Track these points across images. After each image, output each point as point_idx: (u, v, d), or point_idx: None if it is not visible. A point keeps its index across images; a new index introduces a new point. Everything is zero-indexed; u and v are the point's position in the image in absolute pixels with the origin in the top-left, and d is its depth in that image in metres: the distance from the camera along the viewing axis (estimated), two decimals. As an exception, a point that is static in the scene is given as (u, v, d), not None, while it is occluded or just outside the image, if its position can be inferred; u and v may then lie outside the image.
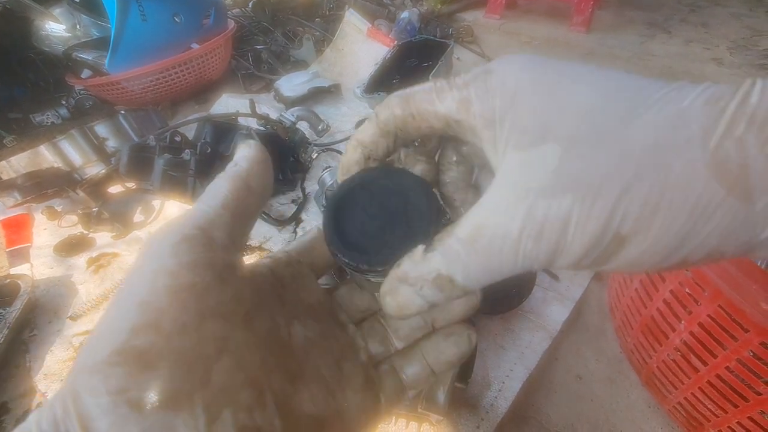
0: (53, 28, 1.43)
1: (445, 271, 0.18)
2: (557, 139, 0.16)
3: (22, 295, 0.78)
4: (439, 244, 0.19)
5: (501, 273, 0.18)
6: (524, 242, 0.17)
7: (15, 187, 0.97)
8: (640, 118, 0.15)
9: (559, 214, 0.16)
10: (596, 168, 0.16)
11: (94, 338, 0.17)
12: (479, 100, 0.18)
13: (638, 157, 0.15)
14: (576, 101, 0.17)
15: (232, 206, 0.20)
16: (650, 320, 0.61)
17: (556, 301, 0.79)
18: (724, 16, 2.17)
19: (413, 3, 2.09)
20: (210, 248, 0.18)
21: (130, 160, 0.90)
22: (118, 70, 1.33)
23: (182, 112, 1.52)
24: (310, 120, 1.22)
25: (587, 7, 1.97)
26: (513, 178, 0.17)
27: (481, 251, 0.17)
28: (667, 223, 0.15)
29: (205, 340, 0.17)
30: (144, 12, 1.27)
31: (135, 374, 0.15)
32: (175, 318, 0.16)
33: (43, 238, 0.98)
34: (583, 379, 0.72)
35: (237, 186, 0.21)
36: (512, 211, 0.17)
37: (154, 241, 0.18)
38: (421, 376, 0.24)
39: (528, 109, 0.17)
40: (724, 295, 0.46)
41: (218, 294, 0.18)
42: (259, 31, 1.89)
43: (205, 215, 0.19)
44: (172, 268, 0.17)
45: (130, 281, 0.18)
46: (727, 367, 0.50)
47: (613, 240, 0.16)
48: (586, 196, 0.16)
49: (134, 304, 0.17)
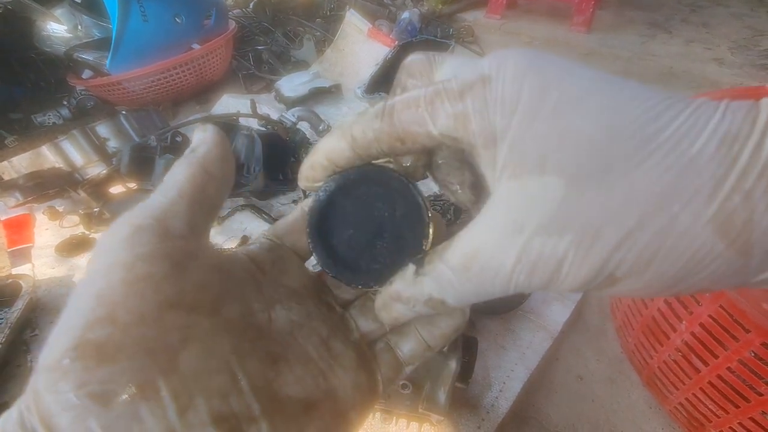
0: (55, 28, 1.43)
1: (436, 294, 0.19)
2: (558, 172, 0.16)
3: (23, 295, 0.78)
4: (430, 269, 0.19)
5: (492, 296, 0.18)
6: (516, 275, 0.17)
7: (17, 187, 0.97)
8: (649, 160, 0.15)
9: (554, 253, 0.16)
10: (598, 210, 0.15)
11: (52, 337, 0.16)
12: (478, 116, 0.17)
13: (643, 204, 0.15)
14: (581, 130, 0.15)
15: (189, 194, 0.19)
16: (651, 320, 0.61)
17: (557, 301, 0.79)
18: (725, 16, 2.17)
19: (414, 3, 2.10)
20: (166, 238, 0.18)
21: (131, 161, 0.90)
22: (119, 71, 1.33)
23: (183, 113, 1.52)
24: (310, 120, 1.23)
25: (588, 7, 1.97)
26: (509, 207, 0.17)
27: (473, 279, 0.18)
28: (662, 271, 0.15)
29: (167, 329, 0.17)
30: (145, 12, 1.27)
31: (93, 368, 0.15)
32: (131, 309, 0.16)
33: (44, 239, 0.98)
34: (583, 379, 0.72)
35: (194, 172, 0.20)
36: (506, 245, 0.17)
37: (107, 236, 0.18)
38: (417, 351, 0.25)
39: (528, 132, 0.16)
40: (725, 296, 0.46)
41: (178, 283, 0.18)
42: (260, 31, 1.89)
43: (161, 205, 0.19)
44: (127, 260, 0.17)
45: (86, 278, 0.18)
46: (729, 367, 0.50)
47: (604, 281, 0.16)
48: (584, 239, 0.15)
49: (90, 298, 0.16)
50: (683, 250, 0.15)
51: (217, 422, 0.16)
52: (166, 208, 0.19)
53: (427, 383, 0.54)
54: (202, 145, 0.21)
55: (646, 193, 0.15)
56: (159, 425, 0.15)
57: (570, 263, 0.16)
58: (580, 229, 0.15)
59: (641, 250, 0.15)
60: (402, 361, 0.25)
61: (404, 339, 0.25)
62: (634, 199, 0.15)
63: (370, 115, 0.19)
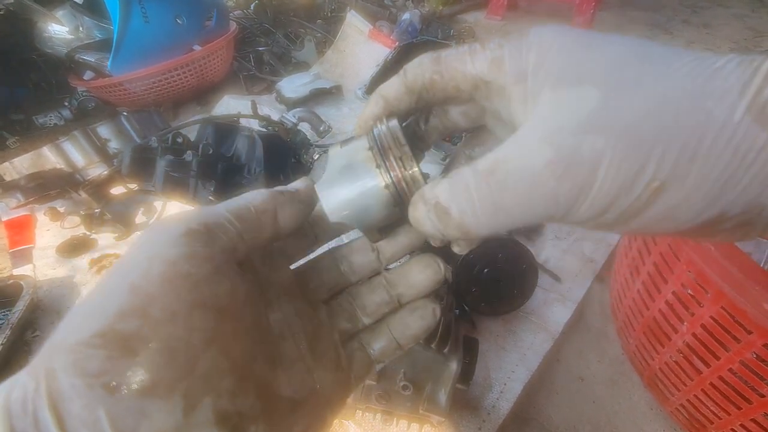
0: (56, 29, 1.44)
1: (443, 201, 0.18)
2: (595, 83, 0.16)
3: (24, 295, 0.78)
4: (454, 172, 0.18)
5: (508, 216, 0.17)
6: (546, 179, 0.15)
7: (18, 188, 0.97)
8: (677, 72, 0.15)
9: (591, 151, 0.15)
10: (634, 111, 0.15)
11: (77, 316, 0.16)
12: (512, 58, 0.18)
13: (678, 101, 0.15)
14: (613, 52, 0.16)
15: (245, 221, 0.20)
16: (652, 322, 0.61)
17: (558, 302, 0.79)
18: (726, 17, 2.17)
19: (414, 4, 2.10)
20: (211, 245, 0.19)
21: (132, 162, 0.90)
22: (120, 72, 1.33)
23: (184, 114, 1.52)
24: (311, 121, 1.23)
25: (589, 7, 1.97)
26: (544, 116, 0.16)
27: (494, 185, 0.16)
28: (707, 169, 0.14)
29: (194, 330, 0.17)
30: (146, 14, 1.27)
31: (115, 358, 0.15)
32: (165, 306, 0.16)
33: (45, 239, 0.98)
34: (584, 380, 0.72)
35: (266, 203, 0.21)
36: (538, 146, 0.16)
37: (154, 229, 0.18)
38: (388, 349, 0.25)
39: (564, 58, 0.17)
40: (726, 297, 0.46)
41: (213, 286, 0.18)
42: (261, 32, 1.90)
43: (216, 218, 0.19)
44: (170, 257, 0.17)
45: (123, 264, 0.18)
46: (730, 369, 0.50)
47: (646, 187, 0.15)
48: (623, 137, 0.15)
49: (124, 287, 0.16)
50: (723, 145, 0.14)
51: (221, 421, 0.16)
52: (220, 223, 0.19)
53: (428, 384, 0.54)
54: (294, 192, 0.22)
55: (679, 93, 0.15)
56: (166, 423, 0.15)
57: (608, 162, 0.15)
58: (617, 129, 0.15)
59: (680, 148, 0.14)
60: (373, 360, 0.25)
61: (376, 338, 0.25)
62: (668, 98, 0.15)
63: (423, 56, 0.21)
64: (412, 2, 2.13)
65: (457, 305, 0.72)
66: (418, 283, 0.25)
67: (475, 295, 0.71)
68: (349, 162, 0.22)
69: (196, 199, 0.89)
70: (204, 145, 0.94)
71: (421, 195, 0.19)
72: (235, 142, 1.00)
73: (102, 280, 0.18)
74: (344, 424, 0.61)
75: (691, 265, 0.50)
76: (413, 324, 0.25)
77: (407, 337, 0.25)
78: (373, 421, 0.58)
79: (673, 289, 0.55)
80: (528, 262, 0.72)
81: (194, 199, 0.89)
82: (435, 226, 0.19)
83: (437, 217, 0.18)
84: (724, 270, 0.45)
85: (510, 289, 0.72)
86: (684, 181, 0.15)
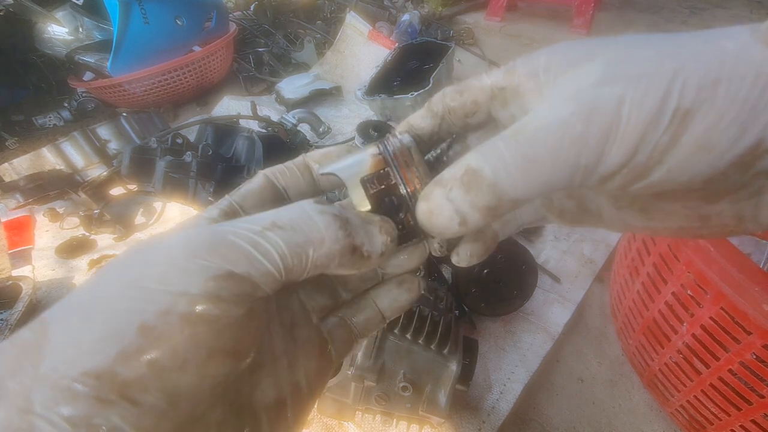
0: (56, 30, 1.44)
1: (474, 163, 0.17)
2: (606, 55, 0.16)
3: (23, 297, 0.78)
4: (481, 145, 0.17)
5: (541, 169, 0.16)
6: (573, 125, 0.15)
7: (17, 189, 0.97)
8: (688, 35, 0.16)
9: (611, 95, 0.15)
10: (648, 58, 0.15)
11: (68, 338, 0.14)
12: (524, 65, 0.19)
13: (690, 46, 0.15)
14: (622, 41, 0.17)
15: (293, 272, 0.17)
16: (652, 322, 0.61)
17: (558, 303, 0.79)
18: (725, 18, 2.17)
19: (414, 5, 2.10)
20: (252, 292, 0.16)
21: (131, 162, 0.90)
22: (120, 73, 1.34)
23: (184, 115, 1.52)
24: (311, 122, 1.23)
25: (588, 9, 1.97)
26: (561, 87, 0.17)
27: (523, 141, 0.16)
28: (732, 91, 0.14)
29: (204, 377, 0.15)
30: (146, 15, 1.27)
31: (107, 406, 0.13)
32: (177, 354, 0.14)
33: (44, 240, 0.98)
34: (584, 381, 0.72)
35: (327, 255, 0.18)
36: (561, 104, 0.16)
37: (186, 254, 0.15)
38: (372, 322, 0.24)
39: (574, 52, 0.17)
40: (726, 297, 0.46)
41: (238, 332, 0.16)
42: (261, 33, 1.90)
43: (264, 268, 0.16)
44: (197, 299, 0.15)
45: (137, 284, 0.15)
46: (730, 369, 0.50)
47: (674, 117, 0.15)
48: (641, 79, 0.15)
49: (133, 323, 0.14)
50: (745, 68, 0.14)
51: None
52: (271, 272, 0.16)
53: (428, 385, 0.54)
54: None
55: (689, 42, 0.16)
56: None
57: (629, 101, 0.15)
58: (634, 75, 0.15)
59: (702, 75, 0.15)
60: (356, 334, 0.24)
61: (361, 310, 0.24)
62: (680, 45, 0.16)
63: (446, 87, 0.22)
64: (411, 3, 2.13)
65: (456, 306, 0.72)
66: (405, 263, 0.24)
67: (474, 295, 0.71)
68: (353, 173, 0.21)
69: (196, 200, 0.89)
70: (203, 145, 0.94)
71: (437, 180, 0.18)
72: (234, 142, 1.00)
73: (104, 277, 0.16)
74: (344, 425, 0.61)
75: (690, 265, 0.50)
76: (401, 297, 0.24)
77: (394, 309, 0.24)
78: (373, 423, 0.58)
79: (672, 289, 0.55)
80: (527, 263, 0.72)
81: (194, 200, 0.89)
82: (459, 204, 0.17)
83: (465, 187, 0.17)
84: (723, 271, 0.45)
85: (510, 290, 0.72)
86: (712, 104, 0.14)
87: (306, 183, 0.23)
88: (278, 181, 0.23)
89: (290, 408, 0.20)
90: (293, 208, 0.18)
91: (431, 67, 1.35)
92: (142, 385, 0.14)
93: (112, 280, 0.16)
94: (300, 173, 0.23)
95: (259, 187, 0.22)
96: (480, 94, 0.21)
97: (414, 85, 1.25)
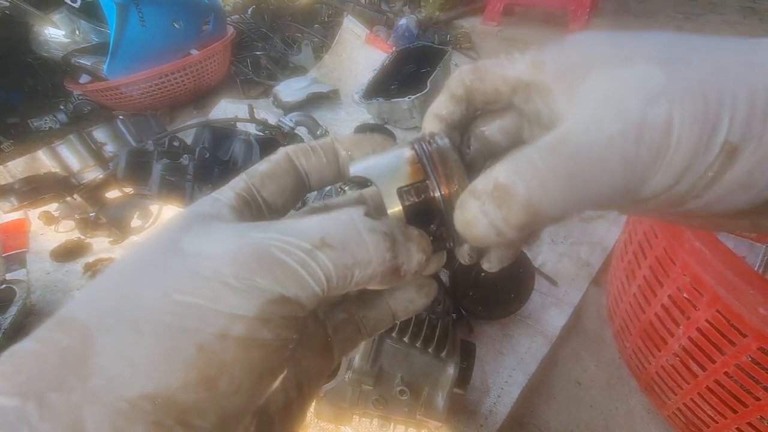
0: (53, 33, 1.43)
1: (504, 179, 0.16)
2: (645, 60, 0.16)
3: (17, 300, 0.77)
4: (510, 155, 0.16)
5: (584, 185, 0.15)
6: (621, 144, 0.15)
7: (12, 191, 0.96)
8: (723, 46, 0.15)
9: (659, 116, 0.14)
10: (694, 77, 0.15)
11: (119, 355, 0.13)
12: (553, 59, 0.18)
13: (733, 67, 0.15)
14: (653, 39, 0.16)
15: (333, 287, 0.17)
16: (649, 325, 0.61)
17: (555, 306, 0.79)
18: (718, 23, 2.20)
19: (411, 10, 2.11)
20: (300, 313, 0.16)
21: (128, 165, 0.90)
22: (117, 76, 1.33)
23: (181, 118, 1.52)
24: (308, 125, 1.23)
25: (583, 13, 1.99)
26: (598, 95, 0.16)
27: (564, 156, 0.15)
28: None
29: (253, 397, 0.15)
30: (143, 18, 1.27)
31: (164, 428, 0.13)
32: (234, 378, 0.14)
33: (39, 243, 0.97)
34: (582, 384, 0.72)
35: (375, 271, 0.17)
36: (604, 118, 0.15)
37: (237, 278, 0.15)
38: (383, 322, 0.23)
39: (606, 49, 0.17)
40: (722, 300, 0.46)
41: (284, 352, 0.16)
42: (258, 37, 1.90)
43: (315, 295, 0.16)
44: (250, 320, 0.15)
45: (186, 299, 0.14)
46: (726, 372, 0.50)
47: (722, 149, 0.14)
48: (687, 100, 0.14)
49: (191, 344, 0.14)
50: None
51: None
52: (318, 295, 0.16)
53: (425, 389, 0.54)
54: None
55: (732, 60, 0.15)
56: None
57: (679, 125, 0.14)
58: (680, 95, 0.15)
59: (749, 106, 0.14)
60: (363, 333, 0.23)
61: (372, 309, 0.23)
62: (722, 66, 0.15)
63: (463, 66, 0.21)
64: (408, 7, 2.14)
65: (454, 309, 0.72)
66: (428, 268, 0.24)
67: (472, 299, 0.71)
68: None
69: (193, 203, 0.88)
70: (201, 148, 0.94)
71: (471, 190, 0.17)
72: (232, 145, 1.00)
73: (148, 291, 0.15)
74: (342, 430, 0.61)
75: (686, 268, 0.51)
76: (419, 300, 0.23)
77: (408, 311, 0.23)
78: (370, 427, 0.58)
79: (669, 292, 0.55)
80: (525, 267, 0.73)
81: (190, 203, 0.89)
82: (493, 218, 0.16)
83: (496, 203, 0.16)
84: (719, 273, 0.46)
85: (507, 294, 0.73)
86: (760, 140, 0.14)
87: (331, 171, 0.22)
88: (301, 165, 0.21)
89: (297, 406, 0.20)
90: (343, 222, 0.17)
91: (428, 71, 1.35)
92: (199, 410, 0.14)
93: (152, 287, 0.15)
94: (325, 157, 0.21)
95: (279, 170, 0.21)
96: (502, 85, 0.20)
97: (411, 88, 1.26)
